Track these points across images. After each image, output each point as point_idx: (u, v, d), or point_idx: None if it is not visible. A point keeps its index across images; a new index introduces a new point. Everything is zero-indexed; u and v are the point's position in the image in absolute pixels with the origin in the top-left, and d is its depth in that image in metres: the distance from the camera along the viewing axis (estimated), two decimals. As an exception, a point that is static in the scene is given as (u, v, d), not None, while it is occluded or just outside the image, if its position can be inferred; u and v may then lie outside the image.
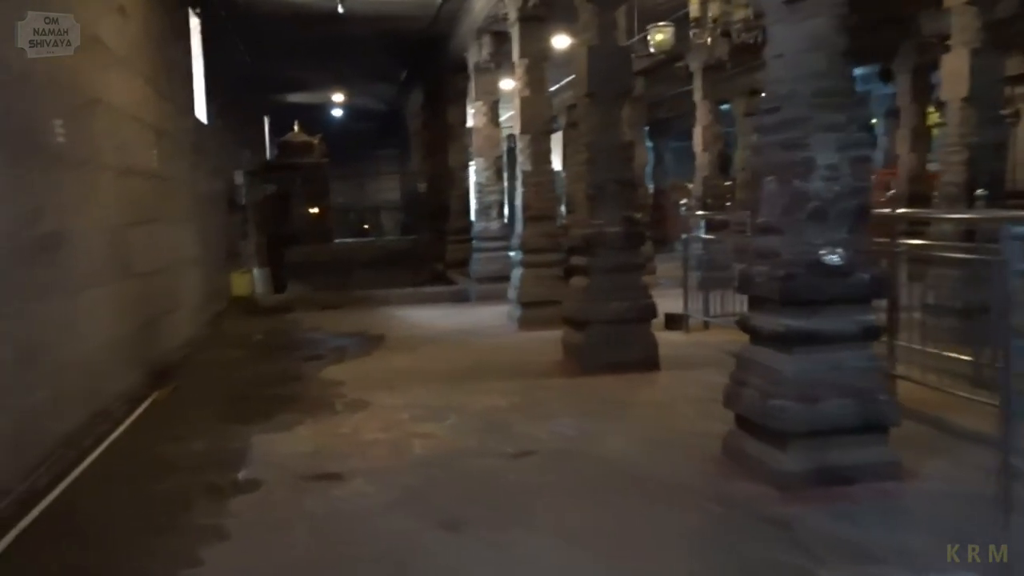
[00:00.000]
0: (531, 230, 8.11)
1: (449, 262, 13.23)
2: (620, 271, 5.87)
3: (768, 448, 3.39)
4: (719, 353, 6.57)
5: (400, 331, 8.38)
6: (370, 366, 6.60)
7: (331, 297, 10.96)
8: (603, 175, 5.84)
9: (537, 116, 8.04)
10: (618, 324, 5.81)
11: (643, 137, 14.70)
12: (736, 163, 16.20)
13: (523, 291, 8.06)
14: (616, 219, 5.85)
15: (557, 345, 6.75)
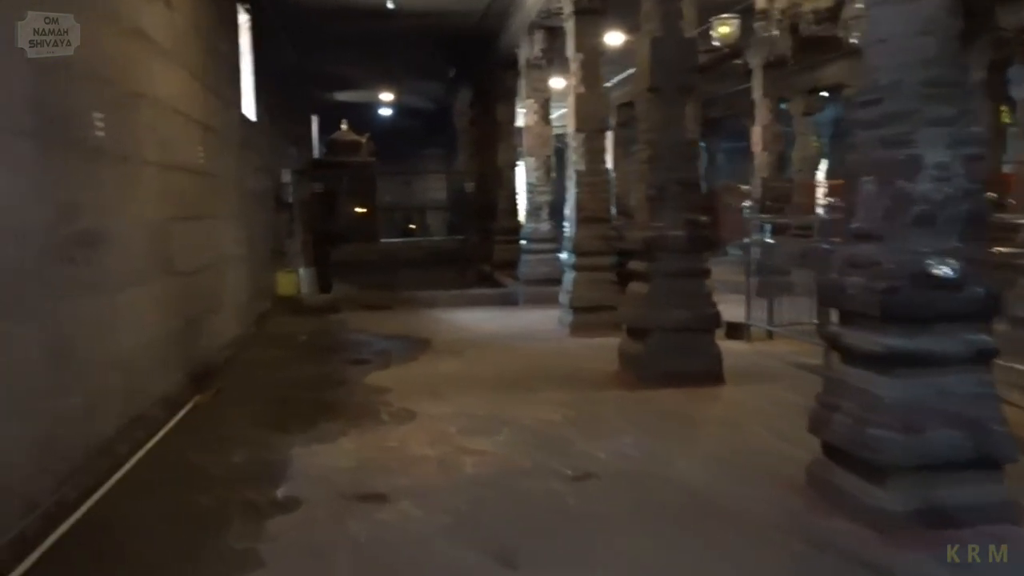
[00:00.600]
0: (584, 232, 7.77)
1: (496, 263, 12.95)
2: (683, 277, 5.51)
3: (863, 482, 3.01)
4: (786, 366, 6.19)
5: (447, 334, 8.11)
6: (416, 371, 6.34)
7: (377, 298, 10.76)
8: (665, 175, 5.49)
9: (592, 113, 7.71)
10: (680, 333, 5.45)
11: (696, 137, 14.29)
12: (793, 164, 15.64)
13: (575, 295, 7.73)
14: (678, 221, 5.49)
15: (612, 353, 6.41)
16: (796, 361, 6.23)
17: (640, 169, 5.66)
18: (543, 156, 10.31)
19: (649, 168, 5.50)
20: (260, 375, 6.34)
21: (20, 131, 3.35)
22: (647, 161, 5.53)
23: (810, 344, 6.59)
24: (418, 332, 8.25)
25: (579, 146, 7.77)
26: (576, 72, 7.79)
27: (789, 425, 4.42)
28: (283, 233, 11.43)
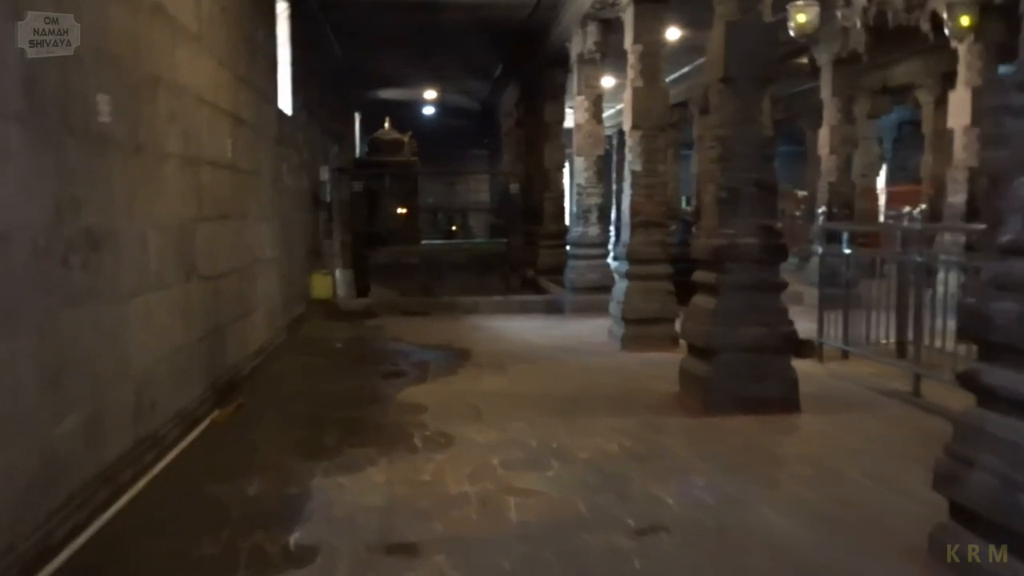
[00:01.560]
0: (640, 238, 7.18)
1: (541, 268, 12.41)
2: (756, 290, 4.90)
3: (1017, 563, 2.39)
4: (869, 392, 5.51)
5: (489, 345, 7.58)
6: (456, 387, 5.81)
7: (416, 303, 10.28)
8: (738, 175, 4.88)
9: (651, 110, 7.11)
10: (753, 353, 4.84)
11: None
12: (856, 168, 14.78)
13: (628, 306, 7.14)
14: (752, 228, 4.88)
15: (670, 371, 5.82)
16: (879, 387, 5.57)
17: (708, 169, 5.06)
18: (594, 156, 9.73)
19: (720, 168, 4.90)
20: (286, 388, 5.87)
21: (7, 114, 2.91)
22: (718, 160, 4.93)
23: (891, 366, 5.93)
24: (458, 341, 7.75)
25: (635, 145, 7.18)
26: (634, 65, 7.20)
27: (889, 468, 3.81)
28: (320, 233, 11.02)
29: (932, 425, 4.59)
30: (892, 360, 5.86)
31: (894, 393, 5.36)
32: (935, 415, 4.80)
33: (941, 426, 4.51)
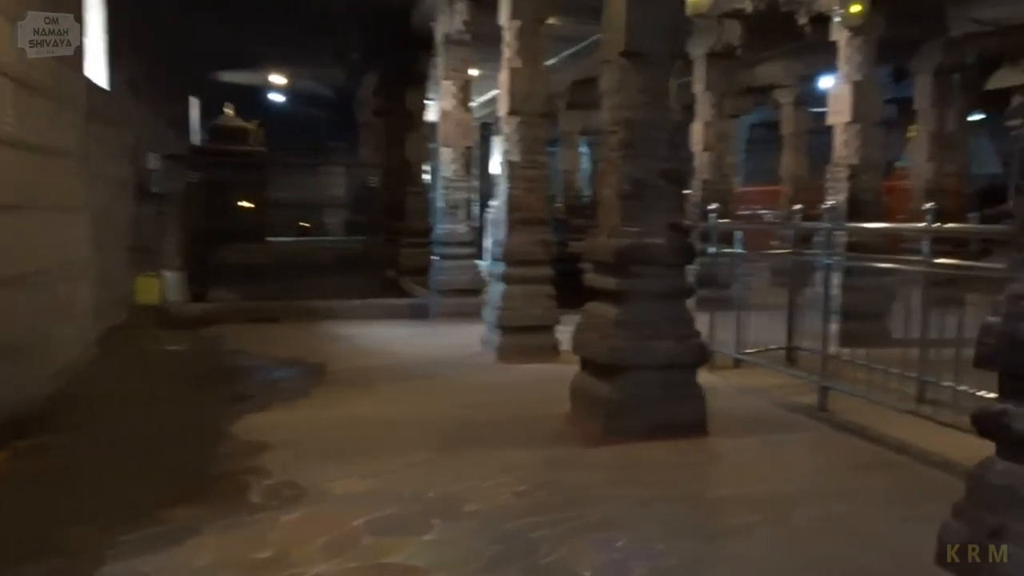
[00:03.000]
0: (519, 236, 6.44)
1: (404, 269, 11.48)
2: (668, 297, 4.26)
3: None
4: (772, 406, 5.01)
5: (350, 358, 6.62)
6: (310, 415, 4.83)
7: (263, 308, 9.08)
8: (646, 165, 4.22)
9: (532, 94, 6.39)
10: (666, 371, 4.20)
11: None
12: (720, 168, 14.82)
13: (506, 312, 6.39)
14: (661, 226, 4.24)
15: (559, 388, 5.12)
16: (783, 401, 5.10)
17: (609, 158, 4.37)
18: (462, 147, 8.93)
19: (624, 156, 4.21)
20: (92, 421, 4.67)
21: None
22: (620, 147, 4.24)
23: (788, 376, 5.51)
24: (313, 354, 6.73)
25: (513, 132, 6.44)
26: (511, 43, 6.46)
27: (840, 510, 3.23)
28: (148, 229, 9.58)
29: (854, 449, 4.13)
30: (798, 373, 5.39)
31: (800, 408, 4.90)
32: (851, 434, 4.35)
33: (865, 450, 4.06)
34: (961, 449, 3.76)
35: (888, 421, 4.38)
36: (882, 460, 3.90)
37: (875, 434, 4.28)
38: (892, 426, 4.33)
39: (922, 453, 3.95)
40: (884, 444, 4.14)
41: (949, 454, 3.80)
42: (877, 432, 4.30)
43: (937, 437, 4.02)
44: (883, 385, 4.80)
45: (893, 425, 4.34)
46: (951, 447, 3.76)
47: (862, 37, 6.91)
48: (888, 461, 3.89)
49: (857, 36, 6.88)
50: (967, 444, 3.91)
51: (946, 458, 3.81)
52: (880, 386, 4.80)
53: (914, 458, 3.91)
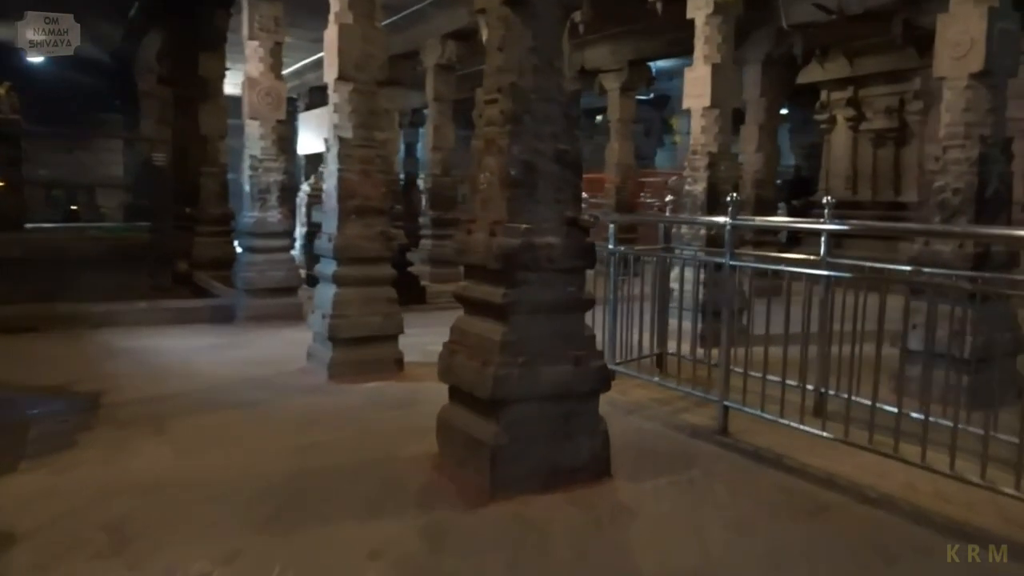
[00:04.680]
0: (354, 228, 5.34)
1: (199, 262, 9.89)
2: (562, 311, 3.41)
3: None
4: (669, 431, 4.35)
5: (135, 383, 5.22)
6: (76, 480, 3.50)
7: (16, 314, 7.26)
8: (536, 144, 3.33)
9: (367, 56, 5.29)
10: (558, 402, 3.36)
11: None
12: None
13: (338, 321, 5.28)
14: (555, 222, 3.38)
15: (413, 414, 4.26)
16: (677, 422, 4.46)
17: (488, 135, 3.43)
18: (273, 121, 7.62)
19: (508, 133, 3.30)
20: None
21: None
22: (503, 121, 3.32)
23: (664, 388, 4.90)
24: (83, 378, 5.28)
25: (344, 103, 5.32)
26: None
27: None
28: None
29: (781, 487, 3.51)
30: (696, 391, 4.70)
31: (700, 432, 4.26)
32: (768, 466, 3.76)
33: (793, 488, 3.40)
34: (884, 476, 3.47)
35: (796, 442, 3.87)
36: (818, 502, 3.31)
37: (794, 464, 3.72)
38: (802, 449, 3.82)
39: (854, 487, 3.43)
40: (809, 478, 3.58)
41: (880, 486, 3.40)
42: (796, 461, 3.74)
43: (852, 460, 3.63)
44: (776, 396, 4.29)
45: (802, 447, 3.83)
46: (874, 474, 3.50)
47: (721, 17, 6.46)
48: (825, 503, 3.31)
49: (716, 15, 6.42)
50: (885, 468, 3.49)
51: (882, 492, 3.34)
52: (775, 398, 4.28)
53: (851, 496, 3.37)
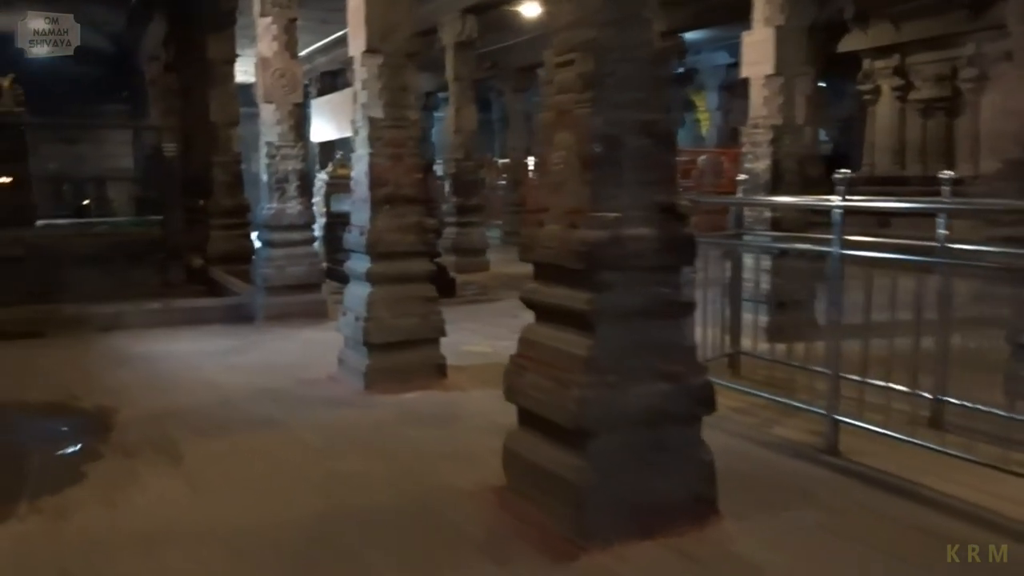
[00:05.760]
0: (386, 220, 4.74)
1: (213, 256, 9.34)
2: (654, 317, 2.81)
3: None
4: (765, 451, 3.66)
5: (146, 395, 4.68)
6: (80, 525, 2.95)
7: (21, 318, 6.74)
8: (620, 115, 2.72)
9: (395, 25, 4.68)
10: (651, 429, 2.77)
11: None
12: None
13: (373, 324, 4.70)
14: (645, 209, 2.77)
15: (464, 433, 3.70)
16: (769, 437, 3.86)
17: (560, 105, 2.82)
18: (289, 104, 7.04)
19: (590, 100, 2.69)
20: None
21: None
22: (581, 88, 2.71)
23: (744, 395, 4.29)
24: (91, 391, 4.75)
25: (372, 79, 4.71)
26: (363, -44, 4.70)
27: None
28: None
29: (924, 528, 2.87)
30: (802, 403, 4.02)
31: (801, 450, 3.66)
32: (901, 497, 3.13)
33: (943, 528, 2.80)
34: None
35: (912, 461, 3.29)
36: (984, 551, 2.66)
37: (931, 495, 3.10)
38: (923, 469, 3.23)
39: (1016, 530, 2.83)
40: (954, 514, 2.96)
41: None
42: (933, 491, 3.12)
43: (997, 488, 3.03)
44: (887, 407, 3.68)
45: (922, 467, 3.25)
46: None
47: (782, -27, 5.80)
48: (996, 555, 2.67)
49: (777, -28, 5.76)
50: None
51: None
52: (884, 408, 3.67)
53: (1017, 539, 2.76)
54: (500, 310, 7.91)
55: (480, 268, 10.83)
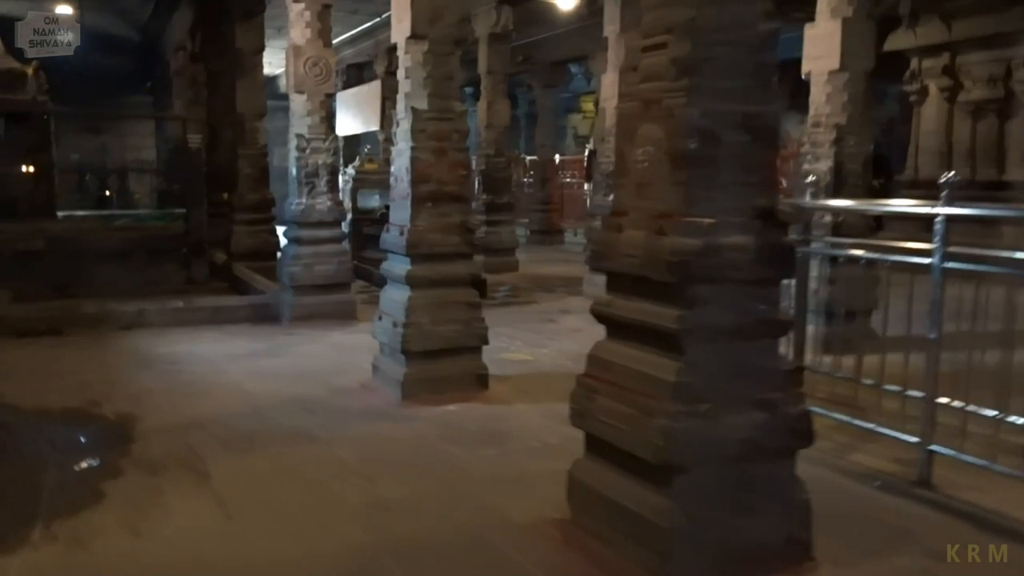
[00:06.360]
0: (428, 219, 4.42)
1: (237, 252, 9.08)
2: (750, 337, 2.47)
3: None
4: (847, 480, 3.35)
5: (170, 403, 4.39)
6: (99, 556, 2.66)
7: (40, 315, 6.49)
8: (718, 106, 2.38)
9: (442, 9, 4.36)
10: (746, 463, 2.43)
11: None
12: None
13: (412, 330, 4.38)
14: (742, 214, 2.43)
15: (515, 452, 3.38)
16: (849, 465, 3.51)
17: (646, 93, 2.49)
18: (321, 94, 6.74)
19: (685, 89, 2.35)
20: None
21: None
22: (677, 75, 2.38)
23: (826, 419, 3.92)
24: (112, 397, 4.47)
25: (416, 66, 4.39)
26: (408, -63, 4.37)
27: None
28: None
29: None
30: (891, 431, 3.62)
31: (890, 482, 3.30)
32: (1011, 540, 2.77)
33: None
34: None
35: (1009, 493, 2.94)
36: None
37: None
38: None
39: None
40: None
41: None
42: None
43: None
44: (982, 435, 3.32)
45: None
46: None
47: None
48: None
49: (844, -41, 5.38)
50: None
51: None
52: (980, 438, 3.31)
53: None
54: (535, 313, 7.61)
55: (510, 268, 10.51)
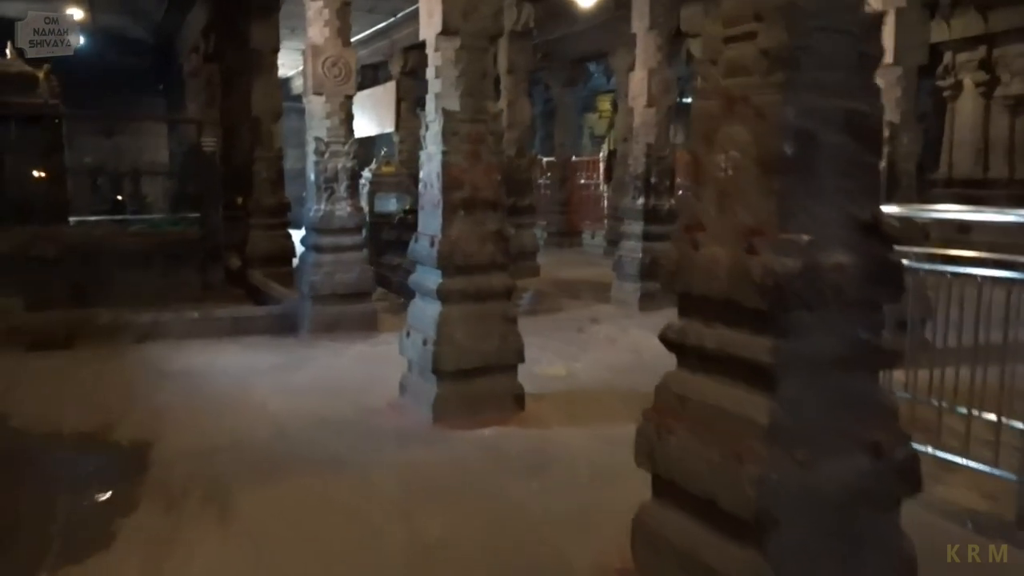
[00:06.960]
0: (462, 227, 4.13)
1: (254, 258, 8.83)
2: (851, 369, 2.15)
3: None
4: (942, 520, 3.00)
5: (189, 424, 4.11)
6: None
7: (50, 326, 6.24)
8: (817, 103, 2.07)
9: (473, 1, 4.05)
10: (848, 513, 2.11)
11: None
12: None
13: (445, 347, 4.08)
14: (843, 227, 2.11)
15: (560, 485, 3.10)
16: (928, 499, 3.17)
17: (729, 91, 2.17)
18: (341, 96, 6.46)
19: (779, 84, 2.04)
20: None
21: None
22: (769, 69, 2.06)
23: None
24: (126, 418, 4.19)
25: (448, 65, 4.09)
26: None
27: None
28: None
29: None
30: (996, 471, 3.25)
31: (983, 522, 2.98)
32: None
33: None
34: None
35: None
36: None
37: None
38: None
39: None
40: None
41: None
42: None
43: None
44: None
45: None
46: None
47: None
48: None
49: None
50: None
51: None
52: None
53: None
54: (564, 322, 7.29)
55: (531, 273, 10.19)
